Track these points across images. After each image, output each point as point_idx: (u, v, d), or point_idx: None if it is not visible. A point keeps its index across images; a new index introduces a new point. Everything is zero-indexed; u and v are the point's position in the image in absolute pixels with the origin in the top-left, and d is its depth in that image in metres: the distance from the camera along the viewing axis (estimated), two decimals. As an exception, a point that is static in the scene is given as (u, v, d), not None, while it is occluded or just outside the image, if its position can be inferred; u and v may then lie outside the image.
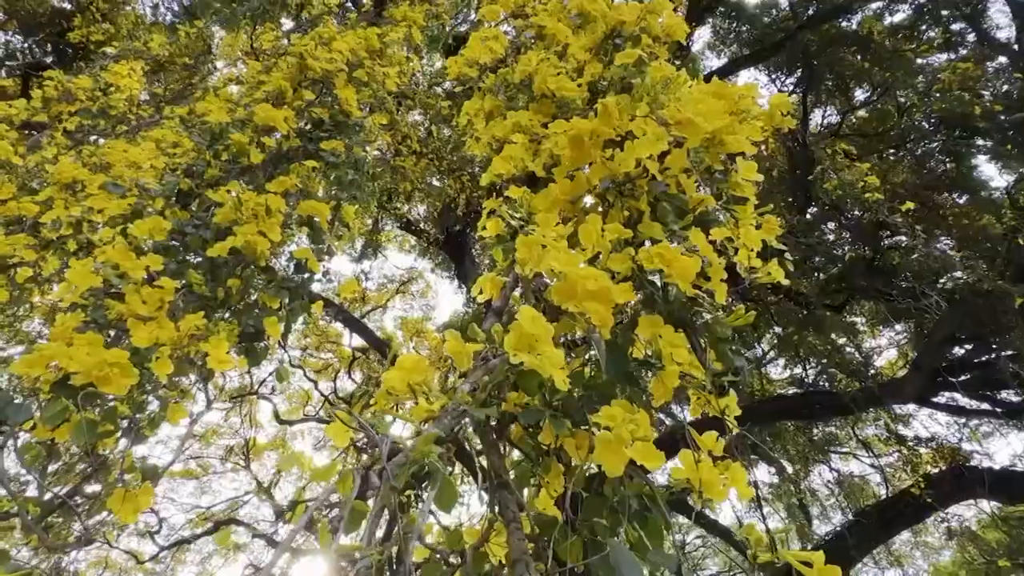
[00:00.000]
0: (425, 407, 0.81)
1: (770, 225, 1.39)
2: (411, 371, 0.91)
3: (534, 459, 1.10)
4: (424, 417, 0.82)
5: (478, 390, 0.86)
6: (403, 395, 0.91)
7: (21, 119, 3.79)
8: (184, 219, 1.92)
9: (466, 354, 0.92)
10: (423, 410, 0.81)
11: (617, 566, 0.72)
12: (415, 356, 0.93)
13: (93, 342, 1.29)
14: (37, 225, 3.30)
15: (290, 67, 2.66)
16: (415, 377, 0.90)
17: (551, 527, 0.87)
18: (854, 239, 8.21)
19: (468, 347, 0.93)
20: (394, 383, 0.90)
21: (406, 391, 0.91)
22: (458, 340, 0.93)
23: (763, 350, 10.77)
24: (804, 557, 0.75)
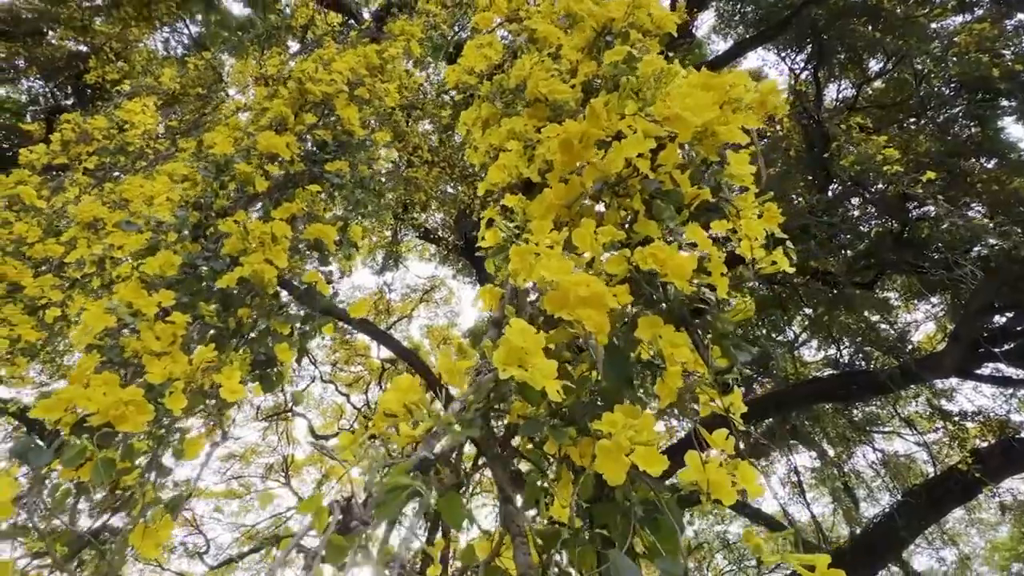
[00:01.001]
0: (408, 432, 0.81)
1: (771, 214, 1.36)
2: (406, 392, 0.91)
3: (542, 469, 1.10)
4: (407, 442, 0.82)
5: (464, 409, 0.86)
6: (400, 416, 0.92)
7: (42, 163, 3.92)
8: (195, 252, 1.96)
9: (458, 371, 0.92)
10: (406, 435, 0.81)
11: (616, 573, 0.71)
12: (409, 377, 0.93)
13: (109, 382, 1.33)
14: (63, 265, 3.41)
15: (291, 92, 2.70)
16: (410, 397, 0.90)
17: (554, 539, 0.86)
18: (880, 213, 8.01)
19: (459, 364, 0.93)
20: (390, 404, 0.90)
21: (403, 412, 0.91)
22: (448, 357, 0.93)
23: (795, 333, 10.58)
24: (808, 560, 0.73)
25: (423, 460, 0.74)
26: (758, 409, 8.31)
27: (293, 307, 1.95)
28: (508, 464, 1.00)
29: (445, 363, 0.92)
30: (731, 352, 1.06)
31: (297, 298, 2.07)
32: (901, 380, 6.94)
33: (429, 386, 4.48)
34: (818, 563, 0.71)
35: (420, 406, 0.87)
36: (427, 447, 0.77)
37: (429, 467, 0.74)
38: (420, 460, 0.73)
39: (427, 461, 0.74)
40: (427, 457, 0.74)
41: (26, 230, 3.44)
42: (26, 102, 7.92)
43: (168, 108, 6.32)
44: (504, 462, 0.99)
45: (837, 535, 10.88)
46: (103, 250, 3.20)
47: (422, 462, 0.74)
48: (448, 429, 0.78)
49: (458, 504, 0.98)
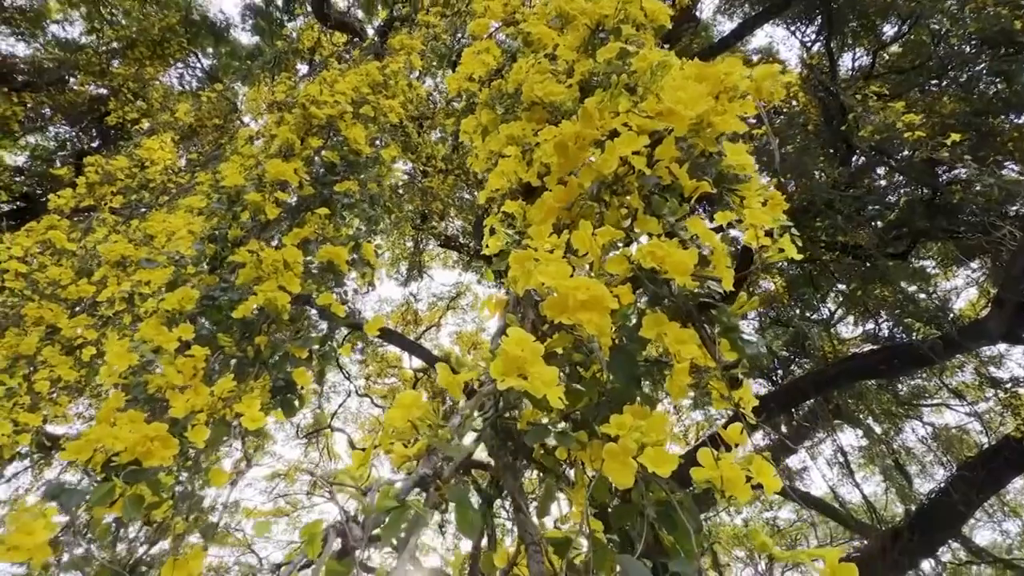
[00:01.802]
0: (401, 452, 0.82)
1: (776, 201, 1.33)
2: (411, 408, 0.91)
3: (558, 474, 1.09)
4: (402, 462, 0.82)
5: (461, 423, 0.86)
6: (407, 433, 0.92)
7: (71, 206, 4.05)
8: (213, 284, 2.00)
9: (457, 385, 0.92)
10: (400, 455, 0.81)
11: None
12: (414, 393, 0.93)
13: (134, 419, 1.36)
14: (95, 304, 3.52)
15: (296, 118, 2.75)
16: (415, 413, 0.90)
17: (564, 546, 0.86)
18: (908, 181, 7.78)
19: (459, 377, 0.93)
20: (395, 421, 0.90)
21: (409, 429, 0.91)
22: (447, 371, 0.93)
23: (829, 310, 10.34)
24: (816, 555, 0.71)
25: (422, 478, 0.74)
26: (797, 391, 8.14)
27: (312, 330, 1.98)
28: (520, 473, 1.00)
29: (445, 377, 0.92)
30: (739, 345, 1.03)
31: (321, 316, 2.10)
32: (944, 350, 6.72)
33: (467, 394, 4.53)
34: (827, 557, 0.69)
35: (425, 421, 0.87)
36: (427, 464, 0.77)
37: (428, 484, 0.74)
38: (419, 478, 0.74)
39: (426, 478, 0.74)
40: (426, 474, 0.75)
41: (59, 273, 3.57)
42: (55, 148, 8.21)
43: (187, 141, 6.49)
44: (516, 471, 0.99)
45: (892, 514, 10.59)
46: (131, 287, 3.29)
47: (421, 480, 0.74)
48: (443, 446, 0.78)
49: (471, 514, 0.98)
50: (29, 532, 1.09)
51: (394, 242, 8.20)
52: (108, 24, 7.97)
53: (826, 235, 7.78)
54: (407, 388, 9.87)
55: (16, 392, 2.83)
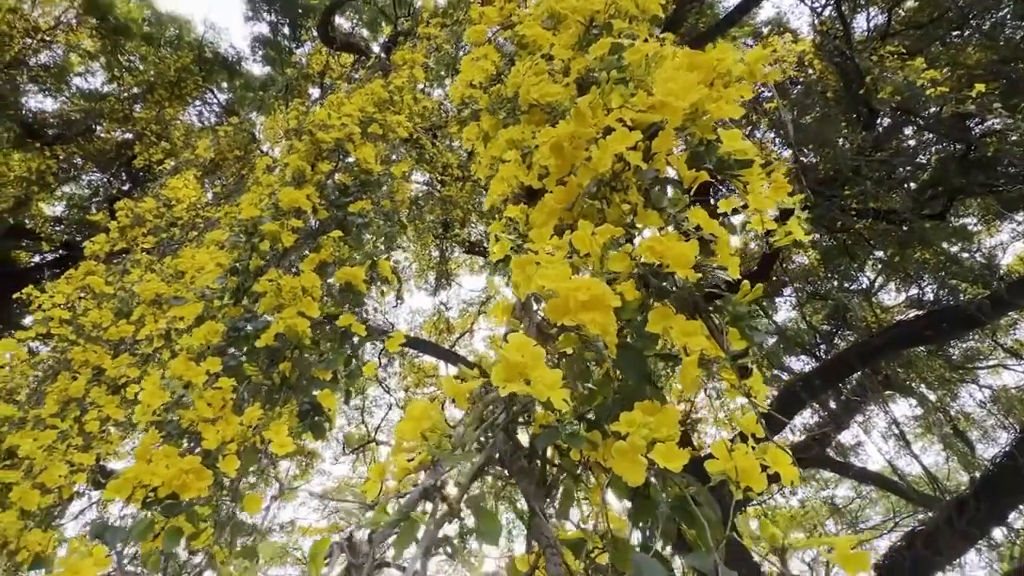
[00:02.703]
0: (403, 465, 0.82)
1: (779, 184, 1.30)
2: (420, 419, 0.92)
3: (575, 475, 1.09)
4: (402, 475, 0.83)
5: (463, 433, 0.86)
6: (419, 445, 0.93)
7: (105, 251, 4.21)
8: (237, 315, 2.06)
9: (463, 393, 0.93)
10: (402, 469, 0.82)
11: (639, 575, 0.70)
12: (423, 403, 0.95)
13: (168, 454, 1.41)
14: (136, 342, 3.65)
15: (305, 145, 2.80)
16: (425, 424, 0.91)
17: (579, 547, 0.86)
18: (938, 138, 7.51)
19: (464, 386, 0.94)
20: (405, 434, 0.91)
21: (420, 440, 0.92)
22: (452, 381, 0.93)
23: (869, 279, 10.05)
24: (827, 543, 0.70)
25: (425, 489, 0.75)
26: (843, 365, 7.92)
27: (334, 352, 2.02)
28: (534, 476, 1.00)
29: (450, 386, 0.93)
30: (747, 334, 1.02)
31: (344, 337, 2.14)
32: (994, 310, 6.46)
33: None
34: (839, 545, 0.67)
35: (435, 432, 0.88)
36: (433, 475, 0.78)
37: (432, 496, 0.75)
38: (423, 490, 0.75)
39: (430, 489, 0.75)
40: (431, 485, 0.76)
41: (100, 316, 3.70)
42: (89, 195, 8.55)
43: (211, 175, 6.67)
44: (530, 474, 0.99)
45: (956, 483, 10.23)
46: (167, 323, 3.40)
47: (425, 491, 0.75)
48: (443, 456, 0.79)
49: (494, 520, 0.99)
50: (77, 571, 1.14)
51: (419, 254, 8.28)
52: (127, 71, 8.27)
53: (857, 203, 7.56)
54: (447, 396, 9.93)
55: (69, 434, 2.95)
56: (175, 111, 7.97)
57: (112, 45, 8.08)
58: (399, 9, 7.55)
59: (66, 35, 8.00)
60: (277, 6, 7.94)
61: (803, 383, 7.70)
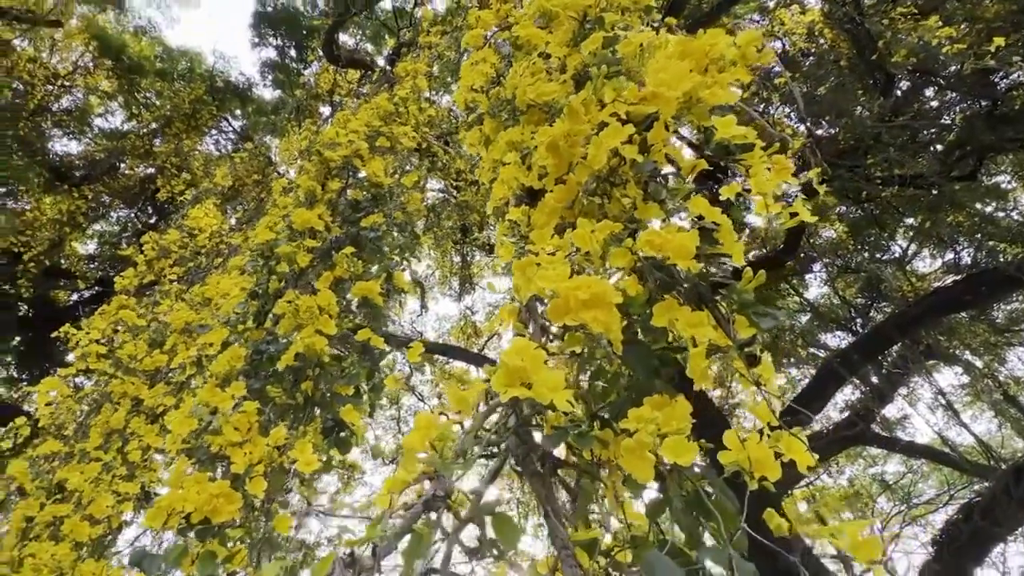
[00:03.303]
0: (401, 478, 0.83)
1: (781, 165, 1.28)
2: (427, 429, 0.93)
3: (594, 475, 1.09)
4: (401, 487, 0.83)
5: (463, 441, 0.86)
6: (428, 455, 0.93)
7: (135, 284, 4.33)
8: (259, 338, 2.10)
9: (467, 401, 0.93)
10: (400, 481, 0.83)
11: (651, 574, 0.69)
12: (429, 414, 0.95)
13: (199, 480, 1.45)
14: (170, 371, 3.75)
15: (314, 165, 2.84)
16: (432, 434, 0.92)
17: (592, 547, 0.86)
18: (961, 96, 7.27)
19: (467, 394, 0.94)
20: (414, 445, 0.92)
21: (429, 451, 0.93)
22: (455, 388, 0.94)
23: (901, 247, 9.78)
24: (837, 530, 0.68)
25: (429, 500, 0.75)
26: (881, 337, 7.73)
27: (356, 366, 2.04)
28: (548, 479, 1.00)
29: (454, 394, 0.93)
30: (755, 321, 1.00)
31: (364, 352, 2.16)
32: (1034, 268, 6.23)
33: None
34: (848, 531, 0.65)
35: (442, 442, 0.88)
36: (439, 485, 0.78)
37: (437, 506, 0.76)
38: (427, 500, 0.75)
39: (435, 500, 0.76)
40: (436, 495, 0.76)
41: (134, 348, 3.81)
42: (119, 231, 8.81)
43: (232, 201, 6.81)
44: (543, 477, 0.99)
45: (1011, 450, 9.89)
46: (198, 350, 3.48)
47: (429, 502, 0.75)
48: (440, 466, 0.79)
49: (511, 524, 0.99)
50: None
51: (440, 261, 8.33)
52: (144, 108, 8.51)
53: (881, 171, 7.36)
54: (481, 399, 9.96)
55: (113, 465, 3.04)
56: (193, 142, 8.17)
57: (128, 84, 8.33)
58: (400, 21, 7.61)
59: (84, 78, 8.27)
60: (282, 30, 8.07)
61: (841, 359, 7.53)
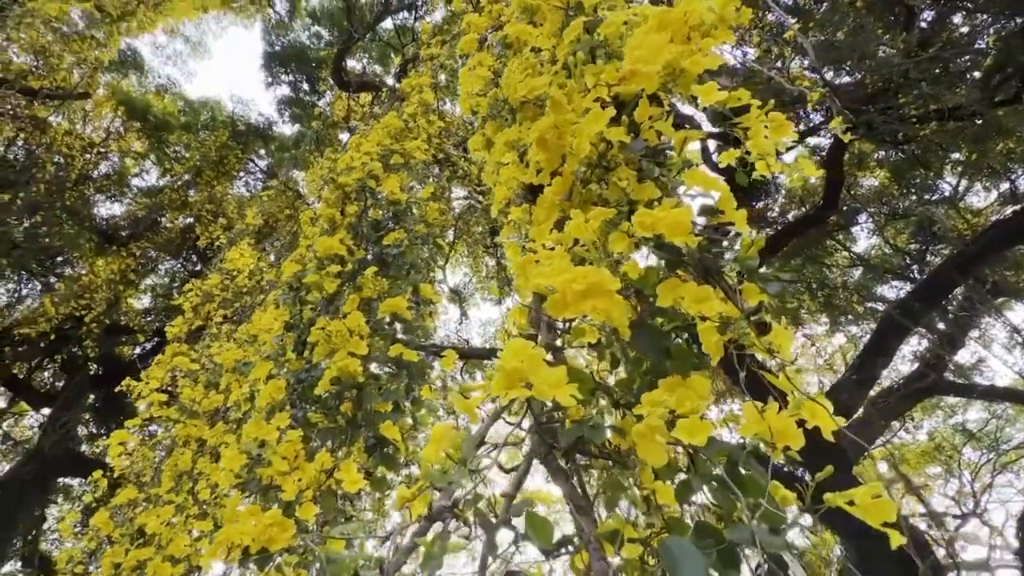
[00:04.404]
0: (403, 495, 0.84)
1: (779, 123, 1.24)
2: (441, 441, 0.94)
3: (624, 464, 1.08)
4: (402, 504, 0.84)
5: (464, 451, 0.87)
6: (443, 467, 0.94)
7: (184, 331, 4.51)
8: (298, 368, 2.17)
9: (471, 408, 0.94)
10: (402, 498, 0.84)
11: (672, 563, 0.68)
12: (442, 426, 0.96)
13: (253, 512, 1.50)
14: (227, 409, 3.89)
15: (331, 192, 2.91)
16: (446, 445, 0.93)
17: (613, 538, 0.85)
18: (994, 17, 6.88)
19: (473, 401, 0.94)
20: (430, 456, 0.94)
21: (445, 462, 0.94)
22: (460, 397, 0.94)
23: (951, 184, 9.31)
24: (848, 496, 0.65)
25: (437, 511, 0.76)
26: (940, 281, 7.40)
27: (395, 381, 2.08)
28: (570, 475, 1.00)
29: (459, 402, 0.94)
30: (760, 289, 0.97)
31: (399, 367, 2.20)
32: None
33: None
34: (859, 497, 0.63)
35: (456, 452, 0.89)
36: (446, 496, 0.79)
37: (445, 516, 0.77)
38: (436, 512, 0.76)
39: (443, 510, 0.77)
40: (443, 506, 0.77)
41: (192, 392, 3.98)
42: (168, 282, 9.22)
43: (268, 238, 7.02)
44: (566, 473, 0.99)
45: (1102, 380, 9.30)
46: (250, 387, 3.60)
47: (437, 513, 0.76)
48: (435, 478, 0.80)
49: (544, 523, 0.99)
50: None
51: (475, 267, 8.39)
52: (175, 161, 8.89)
53: (915, 109, 7.03)
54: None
55: (185, 505, 3.18)
56: (224, 187, 8.48)
57: (157, 141, 8.72)
58: (403, 38, 7.70)
59: (117, 143, 8.69)
60: (292, 66, 8.29)
61: (901, 310, 7.23)
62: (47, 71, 7.19)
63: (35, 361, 8.47)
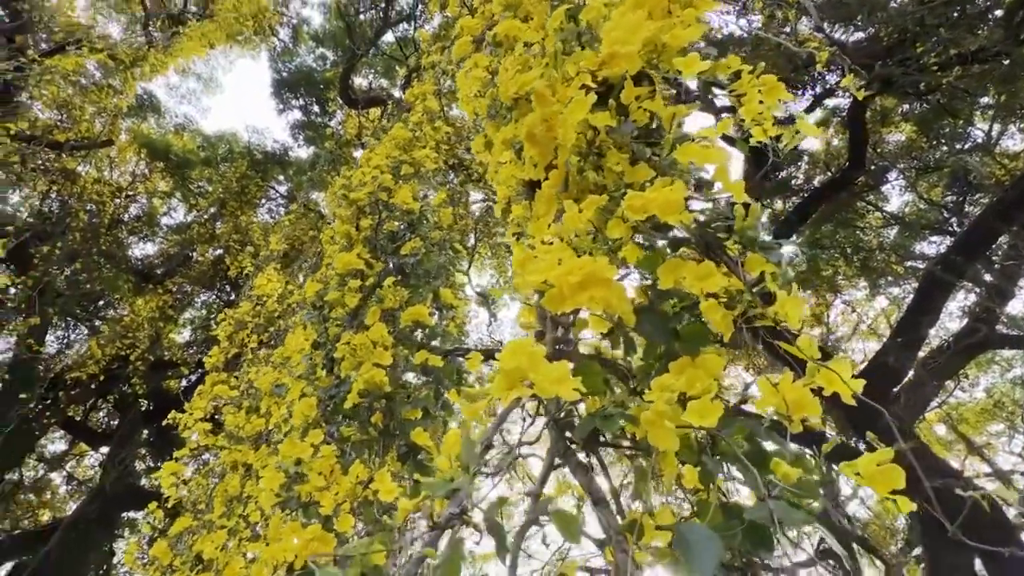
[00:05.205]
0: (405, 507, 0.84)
1: (771, 85, 1.21)
2: (453, 448, 0.95)
3: (647, 451, 1.07)
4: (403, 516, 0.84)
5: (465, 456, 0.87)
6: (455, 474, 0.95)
7: (222, 360, 4.63)
8: (327, 385, 2.21)
9: (476, 413, 0.94)
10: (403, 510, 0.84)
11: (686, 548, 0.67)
12: (455, 432, 0.97)
13: (294, 529, 1.53)
14: (269, 432, 3.98)
15: (344, 209, 2.95)
16: (453, 452, 0.94)
17: (630, 528, 0.84)
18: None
19: (476, 407, 0.94)
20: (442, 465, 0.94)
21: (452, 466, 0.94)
22: (466, 403, 0.94)
23: (983, 131, 8.96)
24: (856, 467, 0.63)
25: (447, 518, 0.77)
26: (984, 231, 7.12)
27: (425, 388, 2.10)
28: (588, 469, 0.99)
29: (465, 408, 0.94)
30: (765, 255, 0.95)
31: (424, 373, 2.22)
32: None
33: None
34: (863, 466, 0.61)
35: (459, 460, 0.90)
36: (455, 503, 0.79)
37: (454, 523, 0.77)
38: (446, 519, 0.77)
39: (452, 517, 0.77)
40: (452, 514, 0.77)
41: (235, 418, 4.08)
42: (205, 314, 9.48)
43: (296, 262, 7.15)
44: (586, 467, 0.99)
45: None
46: (288, 408, 3.68)
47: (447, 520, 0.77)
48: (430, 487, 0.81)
49: (571, 519, 0.99)
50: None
51: (500, 267, 8.40)
52: (199, 196, 9.15)
53: (935, 56, 6.78)
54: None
55: (237, 529, 3.26)
56: (248, 216, 8.70)
57: (181, 179, 8.99)
58: (405, 49, 7.76)
59: (143, 184, 8.99)
60: (301, 90, 8.45)
61: (943, 265, 6.99)
62: (71, 123, 7.47)
63: (89, 402, 8.81)
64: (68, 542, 6.84)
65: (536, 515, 0.99)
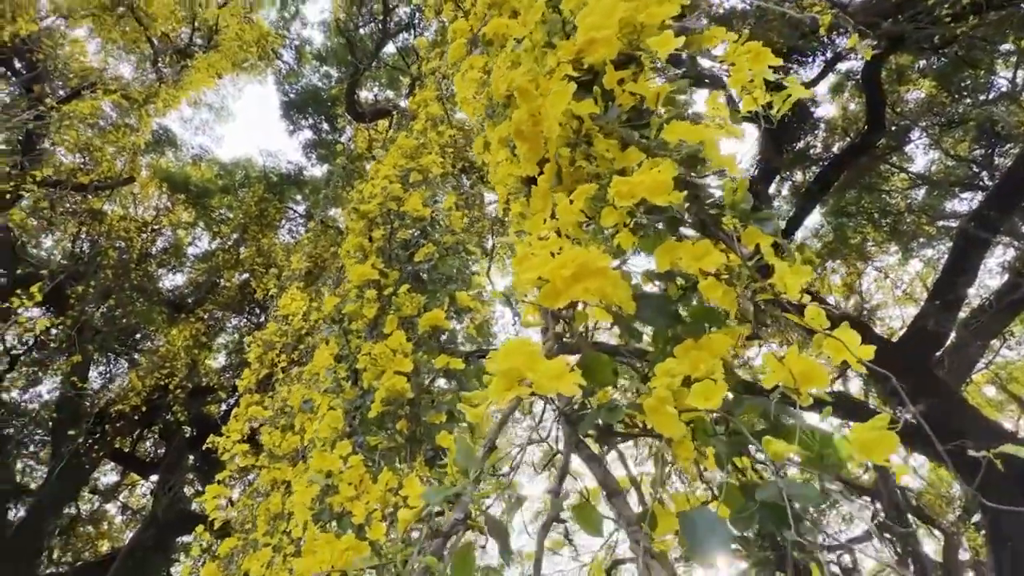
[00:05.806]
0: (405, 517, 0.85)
1: (758, 52, 1.19)
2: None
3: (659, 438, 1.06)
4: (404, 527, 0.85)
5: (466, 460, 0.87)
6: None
7: (255, 380, 4.72)
8: (352, 396, 2.24)
9: (479, 416, 0.94)
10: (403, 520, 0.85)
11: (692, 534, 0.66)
12: (459, 437, 0.97)
13: (328, 540, 1.56)
14: (305, 448, 4.04)
15: (356, 222, 2.99)
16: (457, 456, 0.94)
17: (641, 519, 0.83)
18: None
19: (478, 410, 0.93)
20: (450, 470, 0.95)
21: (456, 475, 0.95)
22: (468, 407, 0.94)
23: (1006, 80, 8.65)
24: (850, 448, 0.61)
25: (452, 524, 0.77)
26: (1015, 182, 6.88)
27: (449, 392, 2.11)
28: (601, 460, 0.98)
29: (469, 412, 0.94)
30: (758, 231, 0.94)
31: (446, 376, 2.24)
32: None
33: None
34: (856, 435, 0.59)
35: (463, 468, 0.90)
36: (461, 508, 0.80)
37: (457, 529, 0.77)
38: (449, 525, 0.77)
39: (456, 523, 0.77)
40: (456, 520, 0.78)
41: (272, 438, 4.15)
42: (238, 338, 9.69)
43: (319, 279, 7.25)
44: (598, 459, 0.98)
45: None
46: (319, 423, 3.73)
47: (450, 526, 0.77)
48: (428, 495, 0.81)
49: (592, 513, 0.99)
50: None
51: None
52: (221, 224, 9.36)
53: (948, 8, 6.58)
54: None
55: (281, 546, 3.32)
56: (269, 238, 8.87)
57: (202, 208, 9.20)
58: (407, 59, 7.80)
59: (167, 217, 9.24)
60: (309, 110, 8.57)
61: (976, 222, 6.78)
62: (93, 165, 7.71)
63: (135, 433, 9.08)
64: (127, 570, 7.05)
65: (556, 513, 0.99)
